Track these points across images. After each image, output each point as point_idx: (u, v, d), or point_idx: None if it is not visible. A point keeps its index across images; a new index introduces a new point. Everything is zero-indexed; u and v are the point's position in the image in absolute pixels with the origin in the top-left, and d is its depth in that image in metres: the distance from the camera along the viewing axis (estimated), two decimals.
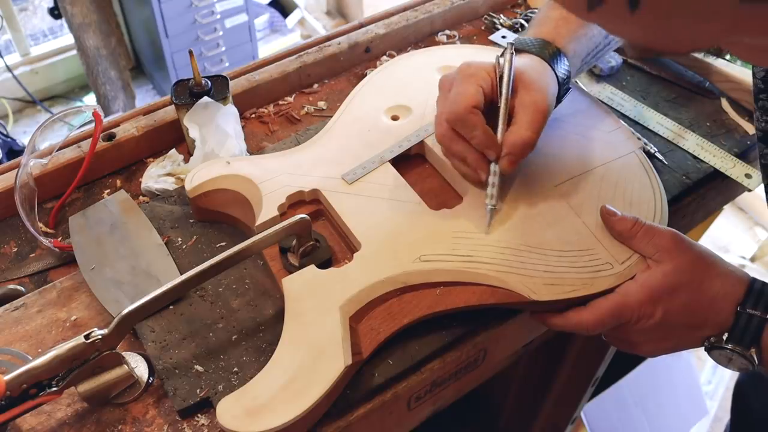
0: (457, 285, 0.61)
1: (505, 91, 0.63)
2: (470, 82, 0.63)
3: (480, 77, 0.63)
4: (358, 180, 0.68)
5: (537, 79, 0.64)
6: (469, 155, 0.64)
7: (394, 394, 0.59)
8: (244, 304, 0.63)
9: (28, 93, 2.60)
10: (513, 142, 0.62)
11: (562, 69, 0.67)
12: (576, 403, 1.29)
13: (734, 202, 2.31)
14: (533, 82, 0.64)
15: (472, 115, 0.61)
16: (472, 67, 0.64)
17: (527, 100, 0.63)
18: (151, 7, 2.27)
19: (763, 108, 0.60)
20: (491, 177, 0.63)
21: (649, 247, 0.60)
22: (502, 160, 0.63)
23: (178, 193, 0.72)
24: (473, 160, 0.64)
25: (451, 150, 0.65)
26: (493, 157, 0.63)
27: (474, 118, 0.61)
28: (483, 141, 0.62)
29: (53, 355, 0.52)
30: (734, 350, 0.57)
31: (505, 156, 0.63)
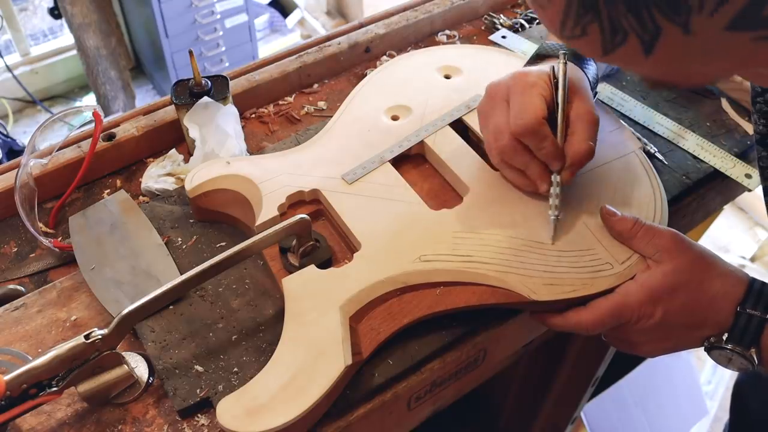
0: (457, 285, 0.61)
1: (562, 100, 0.63)
2: (533, 92, 0.62)
3: (540, 87, 0.62)
4: (358, 180, 0.68)
5: (584, 86, 0.64)
6: (531, 167, 0.63)
7: (394, 394, 0.59)
8: (244, 304, 0.63)
9: (28, 93, 2.60)
10: (576, 153, 0.62)
11: (592, 73, 0.67)
12: (576, 403, 1.29)
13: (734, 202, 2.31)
14: (583, 91, 0.63)
15: (542, 126, 0.60)
16: (531, 76, 0.63)
17: (582, 109, 0.62)
18: (151, 7, 2.27)
19: (760, 111, 0.60)
20: (553, 188, 0.63)
21: (649, 247, 0.60)
22: (565, 171, 0.62)
23: (178, 193, 0.72)
24: (536, 172, 0.63)
25: (513, 162, 0.64)
26: (558, 168, 0.62)
27: (544, 130, 0.61)
28: (552, 152, 0.61)
29: (53, 355, 0.52)
30: (734, 350, 0.57)
31: (569, 167, 0.62)
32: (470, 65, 0.80)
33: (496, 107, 0.64)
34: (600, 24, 0.34)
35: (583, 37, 0.35)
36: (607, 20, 0.33)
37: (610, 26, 0.33)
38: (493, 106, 0.64)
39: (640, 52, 0.34)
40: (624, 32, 0.33)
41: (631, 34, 0.33)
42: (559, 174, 0.63)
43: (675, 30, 0.32)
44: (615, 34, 0.34)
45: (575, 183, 0.68)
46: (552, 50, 0.68)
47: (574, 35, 0.36)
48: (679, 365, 1.71)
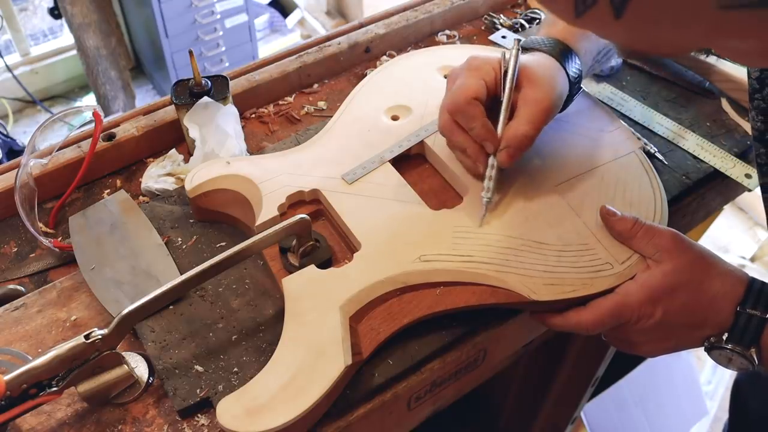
0: (457, 285, 0.61)
1: (509, 85, 0.64)
2: (474, 75, 0.63)
3: (484, 71, 0.64)
4: (358, 180, 0.68)
5: (543, 76, 0.64)
6: (468, 147, 0.64)
7: (394, 394, 0.59)
8: (244, 304, 0.63)
9: (28, 93, 2.60)
10: (511, 136, 0.62)
11: (574, 68, 0.68)
12: (576, 403, 1.29)
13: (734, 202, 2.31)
14: (538, 79, 0.64)
15: (471, 106, 0.62)
16: (477, 60, 0.65)
17: (530, 95, 0.63)
18: (151, 7, 2.27)
19: (758, 108, 0.60)
20: (489, 170, 0.64)
21: (649, 247, 0.60)
22: (500, 153, 0.63)
23: (178, 193, 0.72)
24: (472, 152, 0.64)
25: (452, 141, 0.66)
26: (492, 150, 0.63)
27: (473, 110, 0.62)
28: (481, 133, 0.62)
29: (53, 355, 0.52)
30: (734, 350, 0.57)
31: (503, 149, 0.63)
32: None
33: (447, 89, 0.66)
34: None
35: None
36: None
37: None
38: (447, 88, 0.67)
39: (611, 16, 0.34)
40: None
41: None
42: (495, 156, 0.64)
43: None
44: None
45: (575, 183, 0.68)
46: (534, 45, 0.68)
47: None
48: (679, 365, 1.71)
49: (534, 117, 0.63)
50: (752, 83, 0.60)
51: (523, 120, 0.63)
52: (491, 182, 0.64)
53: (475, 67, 0.64)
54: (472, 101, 0.62)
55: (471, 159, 0.65)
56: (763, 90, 0.59)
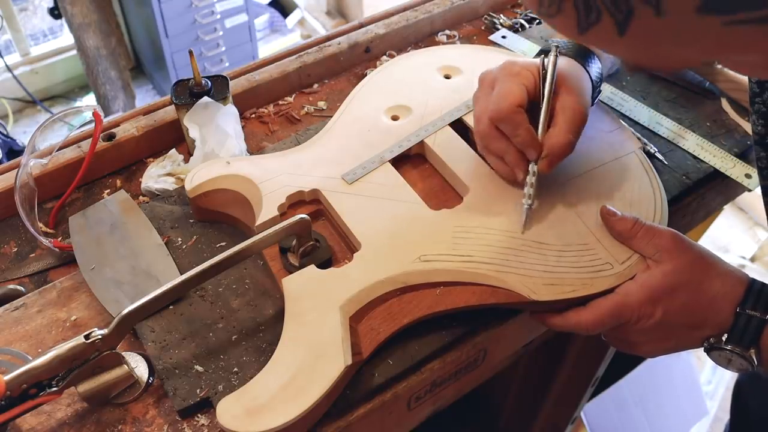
0: (457, 285, 0.61)
1: (548, 92, 0.63)
2: (515, 80, 0.63)
3: (524, 76, 0.63)
4: (358, 180, 0.68)
5: (577, 81, 0.65)
6: (508, 154, 0.64)
7: (394, 394, 0.59)
8: (244, 304, 0.63)
9: (28, 93, 2.60)
10: (554, 144, 0.62)
11: (595, 70, 0.68)
12: (576, 403, 1.29)
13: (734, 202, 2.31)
14: (574, 85, 0.64)
15: (517, 114, 0.61)
16: (516, 66, 0.64)
17: (568, 103, 0.63)
18: (151, 7, 2.27)
19: (758, 111, 0.60)
20: (529, 177, 0.63)
21: (649, 247, 0.60)
22: (542, 161, 0.63)
23: (178, 193, 0.72)
24: (512, 159, 0.64)
25: (491, 147, 0.65)
26: (534, 157, 0.63)
27: (519, 117, 0.62)
28: (526, 140, 0.62)
29: (53, 355, 0.52)
30: (733, 351, 0.57)
31: (545, 157, 0.63)
32: (470, 65, 0.80)
33: (481, 95, 0.66)
34: (574, 2, 0.34)
35: (559, 15, 0.36)
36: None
37: (584, 4, 0.34)
38: (480, 94, 0.66)
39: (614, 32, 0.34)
40: (598, 11, 0.34)
41: (604, 12, 0.34)
42: (536, 163, 0.63)
43: (647, 11, 0.32)
44: (589, 13, 0.34)
45: (575, 183, 0.68)
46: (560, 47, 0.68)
47: (550, 12, 0.36)
48: (679, 365, 1.71)
49: (574, 124, 0.63)
50: (752, 87, 0.60)
51: (564, 128, 0.62)
52: (532, 189, 0.63)
53: (515, 72, 0.64)
54: (517, 108, 0.61)
55: (509, 165, 0.64)
56: (764, 94, 0.59)
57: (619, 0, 0.32)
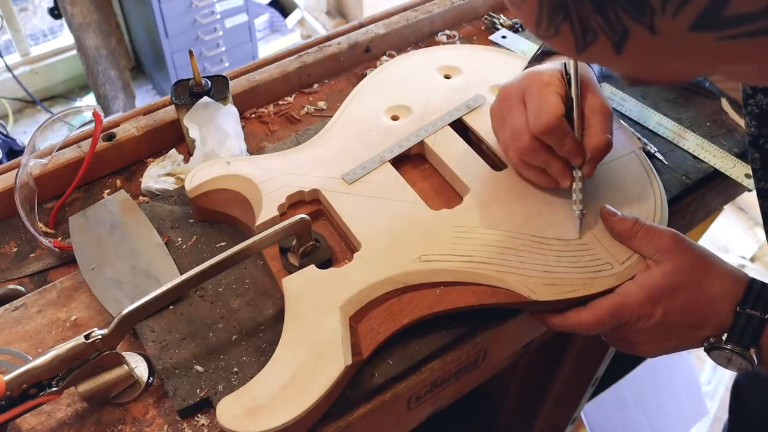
0: (457, 285, 0.61)
1: (576, 96, 0.63)
2: (549, 91, 0.62)
3: (555, 85, 0.63)
4: (358, 180, 0.68)
5: (593, 80, 0.65)
6: (553, 164, 0.63)
7: (394, 394, 0.59)
8: (244, 304, 0.63)
9: (28, 93, 2.60)
10: (595, 146, 0.62)
11: (597, 67, 0.68)
12: (576, 403, 1.29)
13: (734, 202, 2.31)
14: (593, 85, 0.64)
15: (562, 123, 0.61)
16: (545, 75, 0.64)
17: (596, 102, 0.63)
18: (151, 7, 2.27)
19: (751, 113, 0.60)
20: (576, 183, 0.63)
21: (649, 247, 0.60)
22: (586, 165, 0.63)
23: (178, 193, 0.72)
24: (557, 169, 0.63)
25: (535, 161, 0.64)
26: (580, 163, 0.63)
27: (564, 127, 0.61)
28: (574, 149, 0.62)
29: (53, 355, 0.52)
30: (733, 350, 0.57)
31: (589, 161, 0.63)
32: (470, 65, 0.80)
33: (512, 108, 0.64)
34: (571, 23, 0.35)
35: (557, 36, 0.36)
36: (577, 20, 0.34)
37: (580, 26, 0.34)
38: (509, 107, 0.64)
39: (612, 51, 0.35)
40: (594, 32, 0.34)
41: (600, 33, 0.34)
42: (580, 169, 0.63)
43: (642, 30, 0.33)
44: (586, 34, 0.35)
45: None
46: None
47: (548, 34, 0.37)
48: (679, 365, 1.71)
49: (606, 123, 0.63)
50: (745, 89, 0.60)
51: (599, 128, 0.62)
52: (581, 195, 0.63)
53: (546, 82, 0.63)
54: (561, 119, 0.61)
55: (554, 175, 0.64)
56: (756, 95, 0.59)
57: (613, 21, 0.33)
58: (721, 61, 0.35)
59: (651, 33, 0.33)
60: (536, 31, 0.37)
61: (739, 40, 0.32)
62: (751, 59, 0.34)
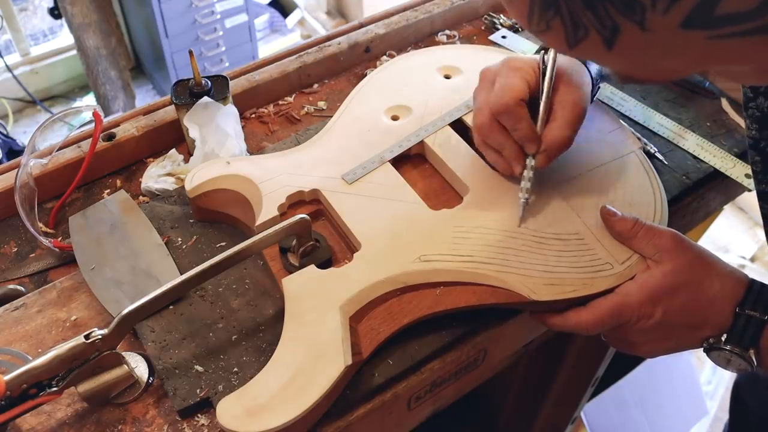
0: (457, 285, 0.61)
1: (547, 87, 0.64)
2: (517, 74, 0.63)
3: (525, 71, 0.64)
4: (358, 180, 0.68)
5: (576, 77, 0.65)
6: (507, 147, 0.64)
7: (394, 394, 0.59)
8: (244, 304, 0.63)
9: (28, 93, 2.60)
10: (552, 139, 0.63)
11: (595, 66, 0.68)
12: (576, 403, 1.29)
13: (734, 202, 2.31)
14: (573, 81, 0.64)
15: (518, 107, 0.62)
16: (518, 61, 0.65)
17: (567, 98, 0.63)
18: (151, 7, 2.27)
19: (752, 116, 0.60)
20: (527, 171, 0.64)
21: (649, 247, 0.60)
22: (540, 155, 0.64)
23: (178, 193, 0.72)
24: (511, 153, 0.64)
25: (490, 140, 0.65)
26: (533, 151, 0.64)
27: (520, 111, 0.62)
28: (526, 134, 0.63)
29: (53, 355, 0.52)
30: (733, 351, 0.57)
31: (543, 152, 0.63)
32: (470, 65, 0.80)
33: (482, 89, 0.66)
34: (562, 19, 0.35)
35: (549, 32, 0.37)
36: (568, 16, 0.34)
37: (571, 22, 0.35)
38: (481, 87, 0.66)
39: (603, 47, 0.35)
40: (585, 28, 0.35)
41: (591, 29, 0.34)
42: (534, 158, 0.64)
43: (633, 27, 0.33)
44: (577, 30, 0.35)
45: (575, 183, 0.68)
46: None
47: (540, 29, 0.37)
48: (679, 365, 1.71)
49: (572, 120, 0.63)
50: (746, 91, 0.60)
51: (562, 123, 0.63)
52: (529, 183, 0.64)
53: (517, 67, 0.64)
54: (519, 102, 0.62)
55: (507, 159, 0.65)
56: (757, 98, 0.59)
57: (604, 17, 0.33)
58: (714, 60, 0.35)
59: (642, 30, 0.33)
60: (528, 26, 0.38)
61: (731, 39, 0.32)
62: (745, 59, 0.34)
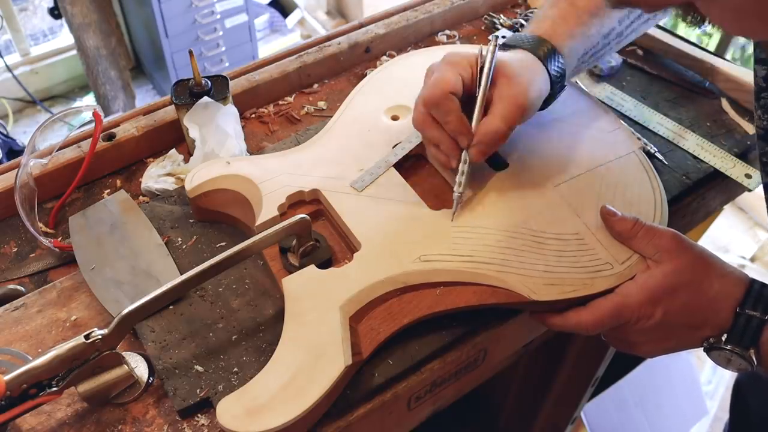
0: (457, 285, 0.61)
1: (484, 81, 0.63)
2: (450, 69, 0.63)
3: (461, 66, 0.64)
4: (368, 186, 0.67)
5: (520, 73, 0.64)
6: (442, 141, 0.64)
7: (394, 394, 0.59)
8: (244, 304, 0.63)
9: (28, 93, 2.60)
10: (484, 132, 0.63)
11: (555, 67, 0.67)
12: (576, 403, 1.29)
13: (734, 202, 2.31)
14: (515, 76, 0.64)
15: (447, 100, 0.62)
16: (456, 56, 0.65)
17: (505, 92, 0.63)
18: (151, 7, 2.27)
19: (764, 107, 0.60)
20: (461, 165, 0.64)
21: (649, 247, 0.60)
22: (472, 148, 0.63)
23: (178, 193, 0.72)
24: (446, 147, 0.64)
25: (426, 134, 0.66)
26: (465, 144, 0.63)
27: (449, 104, 0.62)
28: (456, 127, 0.62)
29: (53, 355, 0.52)
30: (733, 351, 0.57)
31: (475, 145, 0.63)
32: None
33: (423, 84, 0.66)
34: None
35: None
36: None
37: None
38: (424, 83, 0.66)
39: None
40: None
41: None
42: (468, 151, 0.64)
43: None
44: None
45: (575, 183, 0.68)
46: (517, 42, 0.68)
47: None
48: (679, 365, 1.71)
49: (508, 113, 0.62)
50: (759, 82, 0.60)
51: (497, 116, 0.63)
52: (463, 177, 0.64)
53: (453, 62, 0.64)
54: (449, 95, 0.62)
55: (443, 153, 0.65)
56: None
57: None
58: None
59: None
60: None
61: None
62: None
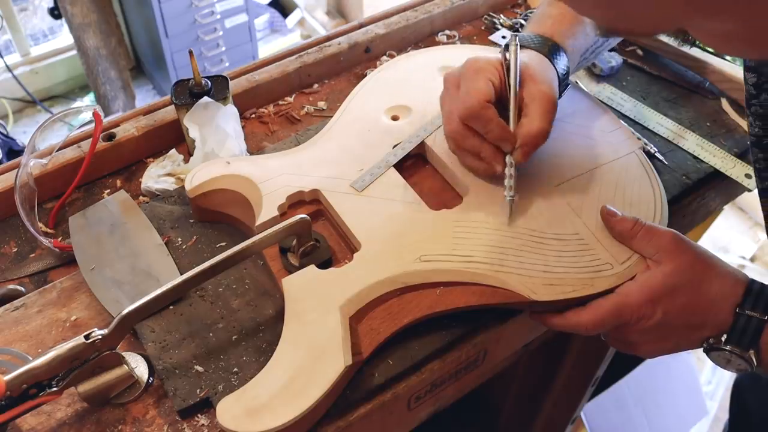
0: (457, 285, 0.61)
1: (514, 83, 0.64)
2: (480, 77, 0.63)
3: (488, 71, 0.64)
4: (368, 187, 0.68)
5: (542, 71, 0.65)
6: (483, 149, 0.64)
7: (394, 394, 0.59)
8: (244, 304, 0.63)
9: (28, 93, 2.60)
10: (527, 133, 0.63)
11: (562, 65, 0.68)
12: (576, 403, 1.29)
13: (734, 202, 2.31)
14: (539, 75, 0.64)
15: (486, 109, 0.62)
16: (479, 62, 0.65)
17: (536, 91, 0.63)
18: (151, 7, 2.27)
19: (755, 114, 0.60)
20: (508, 169, 0.64)
21: (649, 247, 0.60)
22: (517, 151, 0.63)
23: (178, 193, 0.72)
24: (488, 154, 0.64)
25: (464, 146, 0.65)
26: (509, 149, 0.63)
27: (488, 113, 0.62)
28: (499, 134, 0.62)
29: (53, 355, 0.52)
30: (733, 351, 0.57)
31: (520, 147, 0.63)
32: None
33: (447, 95, 0.66)
34: None
35: None
36: None
37: None
38: (446, 93, 0.66)
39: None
40: None
41: None
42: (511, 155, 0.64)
43: None
44: None
45: (575, 183, 0.68)
46: (523, 42, 0.68)
47: None
48: (679, 365, 1.71)
49: (545, 112, 0.63)
50: (749, 89, 0.60)
51: (535, 116, 0.63)
52: (512, 180, 0.64)
53: (479, 68, 0.64)
54: (485, 104, 0.62)
55: (486, 161, 0.65)
56: (761, 96, 0.59)
57: None
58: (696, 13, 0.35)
59: None
60: None
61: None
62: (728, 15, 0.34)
